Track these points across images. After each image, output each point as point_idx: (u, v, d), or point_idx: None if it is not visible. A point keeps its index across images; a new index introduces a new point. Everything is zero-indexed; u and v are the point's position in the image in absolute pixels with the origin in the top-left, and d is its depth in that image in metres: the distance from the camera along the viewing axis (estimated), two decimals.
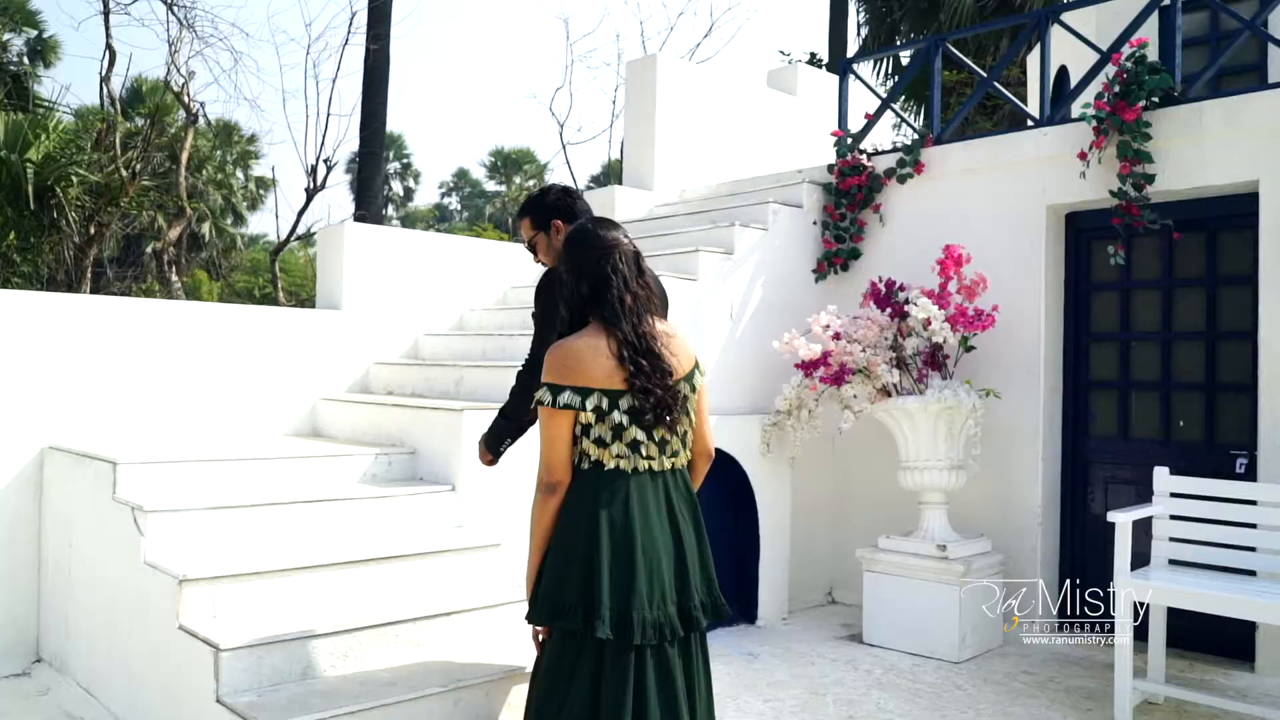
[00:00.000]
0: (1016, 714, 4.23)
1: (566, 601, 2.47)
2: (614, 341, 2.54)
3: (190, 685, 3.22)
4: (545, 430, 2.54)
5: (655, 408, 2.55)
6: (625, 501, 2.52)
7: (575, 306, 2.64)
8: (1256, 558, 4.30)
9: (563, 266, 2.70)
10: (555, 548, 2.55)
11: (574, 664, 2.49)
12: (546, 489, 2.55)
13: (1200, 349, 5.18)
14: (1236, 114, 4.77)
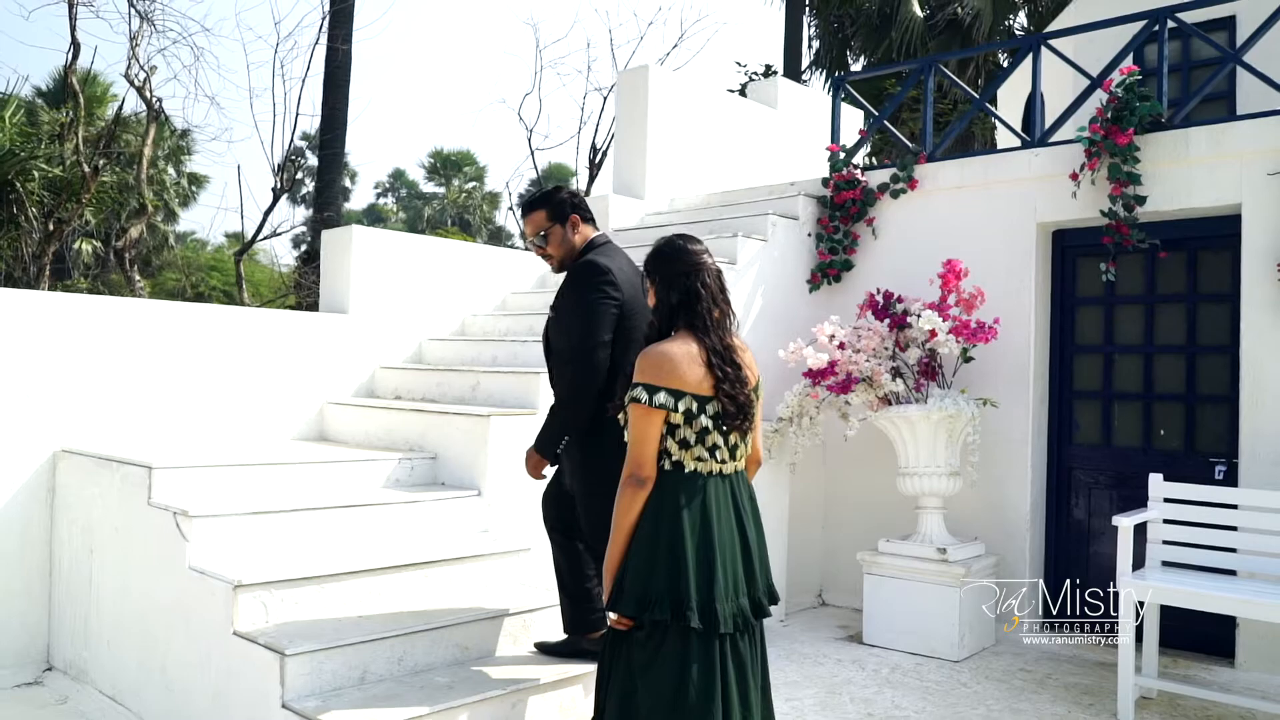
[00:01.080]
0: (1024, 710, 4.43)
1: (653, 595, 2.58)
2: (704, 350, 2.67)
3: (249, 691, 3.22)
4: (637, 428, 2.63)
5: (737, 413, 2.69)
6: (703, 502, 2.66)
7: (664, 315, 2.76)
8: (1238, 558, 4.58)
9: (652, 276, 2.81)
10: (640, 544, 2.64)
11: (657, 651, 2.60)
12: (636, 483, 2.64)
13: (1180, 362, 5.47)
14: (1221, 140, 5.07)
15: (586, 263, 3.45)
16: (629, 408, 2.66)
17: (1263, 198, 4.90)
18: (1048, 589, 5.74)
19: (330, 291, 5.70)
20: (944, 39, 16.76)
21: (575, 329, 3.34)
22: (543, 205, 3.56)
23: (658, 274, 2.80)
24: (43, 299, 4.60)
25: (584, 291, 3.37)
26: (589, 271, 3.41)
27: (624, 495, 2.66)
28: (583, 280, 3.40)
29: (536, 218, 3.55)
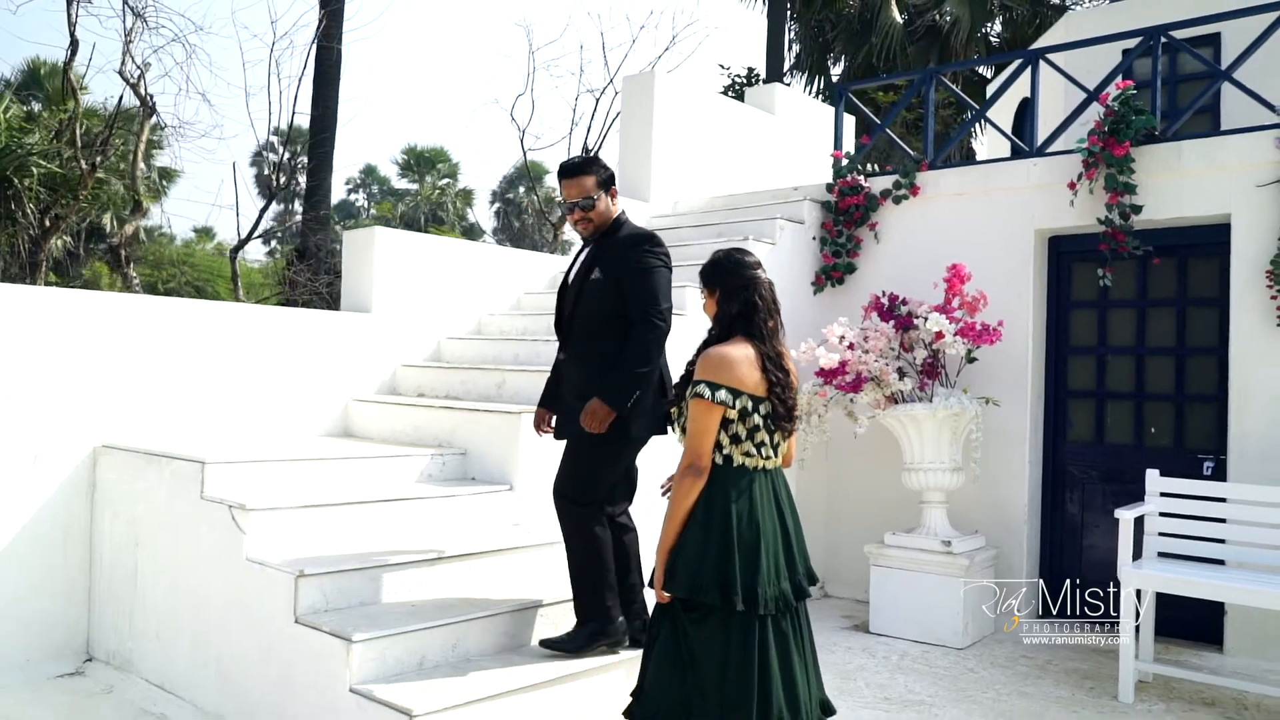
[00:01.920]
0: (1030, 693, 4.66)
1: (703, 580, 2.78)
2: (759, 356, 2.89)
3: (314, 676, 3.36)
4: (699, 422, 2.82)
5: (786, 415, 2.91)
6: (750, 495, 2.87)
7: (724, 323, 2.98)
8: (1227, 549, 4.85)
9: (709, 281, 3.02)
10: (693, 532, 2.83)
11: (706, 628, 2.80)
12: (695, 473, 2.82)
13: (1170, 363, 5.74)
14: (1211, 153, 5.33)
15: (650, 233, 3.70)
16: (690, 402, 2.85)
17: (1251, 208, 5.18)
18: (1043, 580, 6.01)
19: (352, 291, 5.82)
20: (922, 45, 17.09)
21: (647, 292, 3.54)
22: (592, 170, 3.70)
23: (719, 285, 3.01)
24: (79, 298, 4.69)
25: (651, 258, 3.59)
26: (654, 240, 3.65)
27: (683, 484, 2.84)
28: (650, 248, 3.61)
29: (585, 182, 3.67)
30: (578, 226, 3.78)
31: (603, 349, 3.65)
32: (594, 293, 3.69)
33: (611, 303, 3.66)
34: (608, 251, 3.72)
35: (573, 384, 3.73)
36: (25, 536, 4.33)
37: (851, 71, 18.17)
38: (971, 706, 4.47)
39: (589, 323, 3.69)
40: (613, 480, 3.74)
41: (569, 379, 3.77)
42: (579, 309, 3.73)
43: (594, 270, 3.70)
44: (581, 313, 3.72)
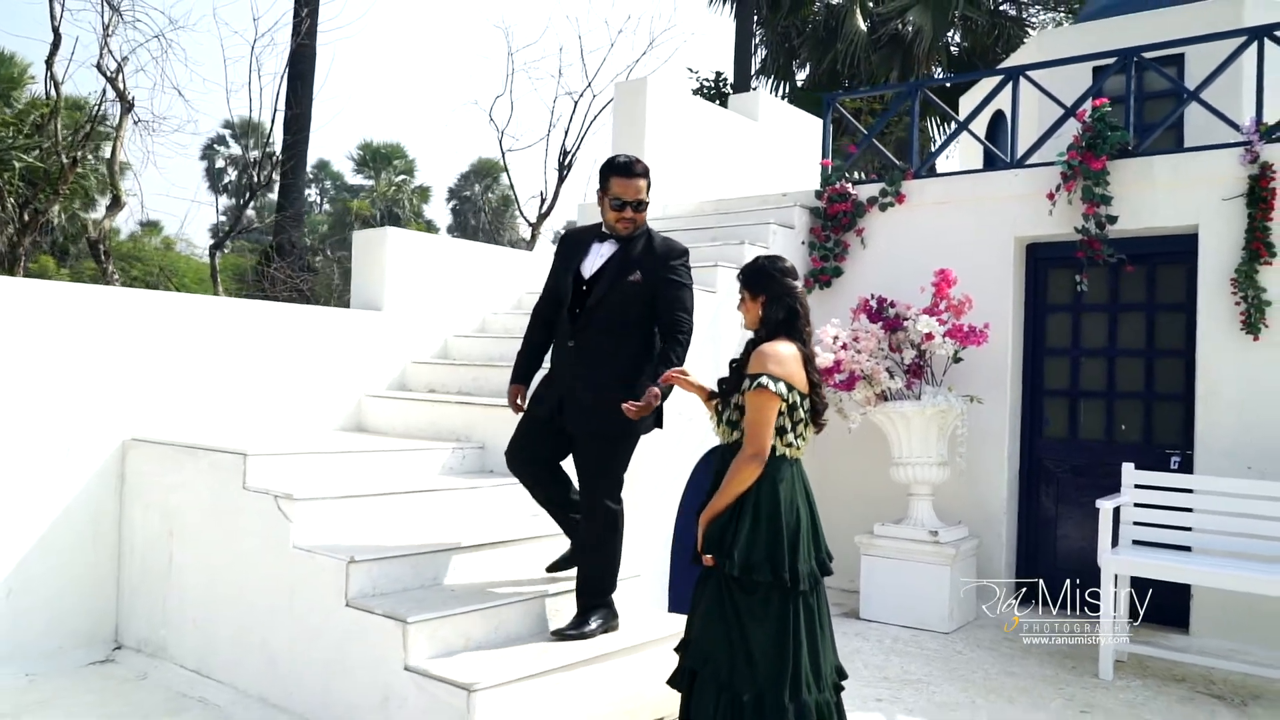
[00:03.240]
0: (1017, 672, 4.99)
1: (756, 560, 3.03)
2: (802, 355, 3.17)
3: (369, 657, 3.54)
4: (763, 413, 3.05)
5: (822, 411, 3.20)
6: (791, 482, 3.14)
7: (770, 327, 3.24)
8: (1195, 536, 5.23)
9: (755, 287, 3.29)
10: (744, 516, 3.07)
11: (755, 600, 3.05)
12: (758, 461, 3.06)
13: (1140, 364, 6.12)
14: (1182, 168, 5.71)
15: (685, 248, 3.97)
16: (753, 393, 3.06)
17: (1218, 220, 5.56)
18: (1019, 566, 6.37)
19: (363, 289, 5.96)
20: (885, 53, 17.53)
21: (685, 305, 3.86)
22: (647, 174, 3.89)
23: (764, 291, 3.27)
24: (106, 294, 4.78)
25: (687, 274, 3.93)
26: (686, 253, 3.95)
27: (745, 470, 3.06)
28: (687, 263, 3.94)
29: (642, 184, 3.86)
30: (620, 224, 3.89)
31: (627, 349, 3.85)
32: (632, 294, 3.85)
33: (645, 306, 3.87)
34: (646, 257, 3.90)
35: (590, 378, 3.82)
36: (59, 527, 4.44)
37: (816, 77, 18.58)
38: (965, 684, 4.77)
39: (617, 321, 3.86)
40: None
41: (580, 372, 3.85)
42: (606, 304, 3.86)
43: (633, 272, 3.87)
44: (609, 310, 3.86)
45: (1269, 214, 5.36)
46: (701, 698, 3.09)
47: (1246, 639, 5.34)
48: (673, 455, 5.35)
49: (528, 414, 4.05)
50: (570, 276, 4.00)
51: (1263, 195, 5.37)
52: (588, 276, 3.96)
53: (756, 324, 3.29)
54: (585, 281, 3.97)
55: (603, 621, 3.89)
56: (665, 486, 5.34)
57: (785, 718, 2.98)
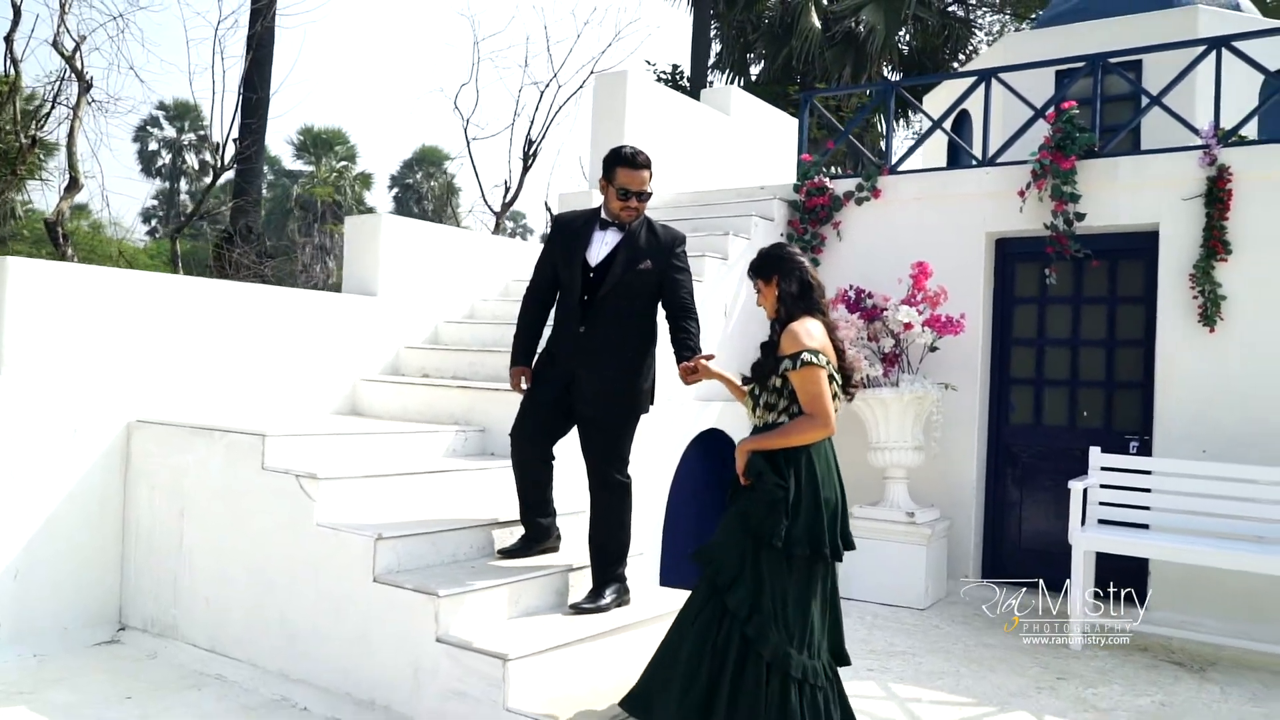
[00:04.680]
0: (992, 644, 5.27)
1: (796, 534, 3.15)
2: (826, 330, 3.33)
3: (398, 630, 3.64)
4: (818, 385, 3.18)
5: (848, 381, 3.38)
6: (827, 459, 3.29)
7: (787, 304, 3.38)
8: (1153, 515, 5.57)
9: (767, 271, 3.45)
10: (783, 493, 3.17)
11: (790, 567, 3.18)
12: (824, 426, 3.18)
13: (1101, 354, 6.46)
14: (1143, 169, 6.04)
15: (684, 234, 4.18)
16: (801, 371, 3.17)
17: (1177, 219, 5.90)
18: (986, 546, 6.68)
19: (356, 275, 6.00)
20: (839, 50, 17.87)
21: (689, 284, 4.07)
22: (651, 167, 4.04)
23: (775, 272, 3.42)
24: (106, 275, 4.76)
25: (686, 255, 4.14)
26: (685, 240, 4.17)
27: (808, 428, 3.16)
28: (685, 246, 4.14)
29: (647, 175, 4.02)
30: (624, 213, 4.01)
31: (634, 334, 4.03)
32: (643, 281, 4.02)
33: (654, 292, 4.04)
34: (652, 245, 4.06)
35: (601, 363, 3.97)
36: (64, 509, 4.44)
37: (771, 73, 18.86)
38: (947, 655, 5.04)
39: (626, 308, 4.01)
40: None
41: (591, 357, 3.98)
42: (618, 292, 4.00)
43: (644, 260, 4.04)
44: (620, 297, 4.00)
45: (1225, 214, 5.71)
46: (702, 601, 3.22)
47: (1200, 612, 5.69)
48: (664, 439, 5.51)
49: (530, 396, 4.18)
50: (578, 264, 4.13)
51: (1220, 196, 5.71)
52: (594, 264, 4.10)
53: (775, 305, 3.42)
54: (592, 269, 4.10)
55: (616, 596, 4.04)
56: (658, 469, 5.51)
57: (788, 664, 3.11)
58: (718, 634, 3.18)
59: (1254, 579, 5.34)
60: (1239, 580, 5.44)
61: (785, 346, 3.26)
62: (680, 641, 3.23)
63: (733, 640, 3.13)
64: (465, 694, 3.46)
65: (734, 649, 3.13)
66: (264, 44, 12.38)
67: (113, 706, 3.75)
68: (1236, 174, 5.69)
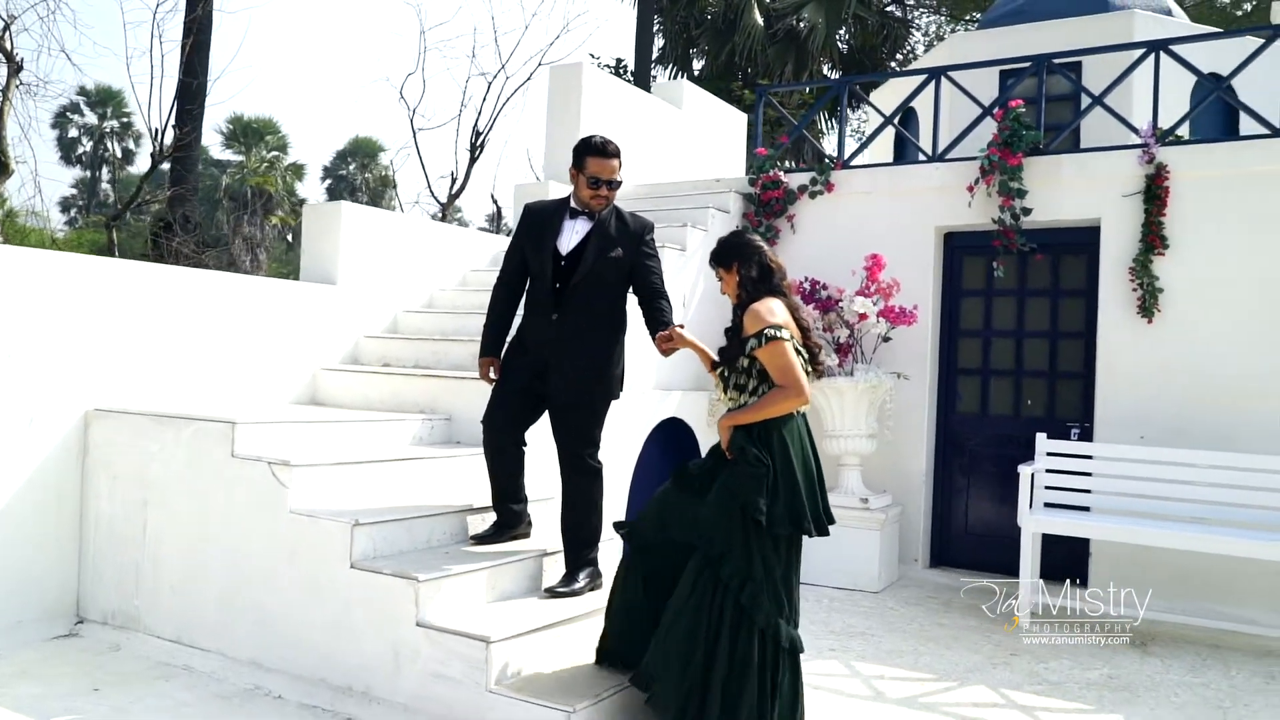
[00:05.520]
0: (946, 623, 5.45)
1: (776, 513, 3.25)
2: (788, 309, 3.46)
3: (377, 614, 3.65)
4: (784, 358, 3.28)
5: (814, 358, 3.50)
6: (800, 437, 3.40)
7: (748, 288, 3.50)
8: (1094, 498, 5.81)
9: (727, 259, 3.57)
10: (761, 478, 3.26)
11: (779, 544, 3.31)
12: (798, 396, 3.28)
13: (1045, 345, 6.70)
14: (1086, 167, 6.28)
15: (652, 222, 4.26)
16: (767, 346, 3.28)
17: (1118, 215, 6.15)
18: (934, 531, 6.88)
19: (316, 263, 5.94)
20: (781, 47, 18.11)
21: (659, 269, 4.13)
22: (620, 156, 4.12)
23: (735, 258, 3.55)
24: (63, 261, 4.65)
25: (655, 242, 4.24)
26: (654, 227, 4.26)
27: (783, 399, 3.27)
28: (654, 233, 4.23)
29: (617, 164, 4.10)
30: (594, 201, 4.08)
31: (606, 321, 4.09)
32: (614, 269, 4.09)
33: (625, 279, 4.11)
34: (622, 233, 4.12)
35: (574, 350, 4.02)
36: (20, 499, 4.33)
37: (714, 68, 19.00)
38: (904, 634, 5.20)
39: (598, 294, 4.07)
40: None
41: (564, 344, 4.02)
42: (589, 280, 4.05)
43: (615, 248, 4.10)
44: (592, 285, 4.06)
45: (1163, 210, 5.97)
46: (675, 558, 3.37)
47: (1138, 590, 5.94)
48: (627, 428, 5.57)
49: (502, 384, 4.21)
50: (549, 252, 4.17)
51: (1158, 193, 5.97)
52: (565, 252, 4.14)
53: (738, 290, 3.52)
54: (563, 257, 4.15)
55: (589, 579, 4.10)
56: (622, 457, 5.56)
57: (778, 633, 3.24)
58: (712, 606, 3.26)
59: (1189, 557, 5.61)
60: (1175, 559, 5.70)
61: (749, 326, 3.36)
62: (677, 617, 3.30)
63: (727, 611, 3.23)
64: (447, 676, 3.48)
65: (728, 620, 3.22)
66: (203, 29, 12.09)
67: (81, 698, 3.69)
68: (1173, 172, 5.96)
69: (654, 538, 3.54)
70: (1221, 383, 5.84)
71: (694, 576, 3.31)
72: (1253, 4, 18.86)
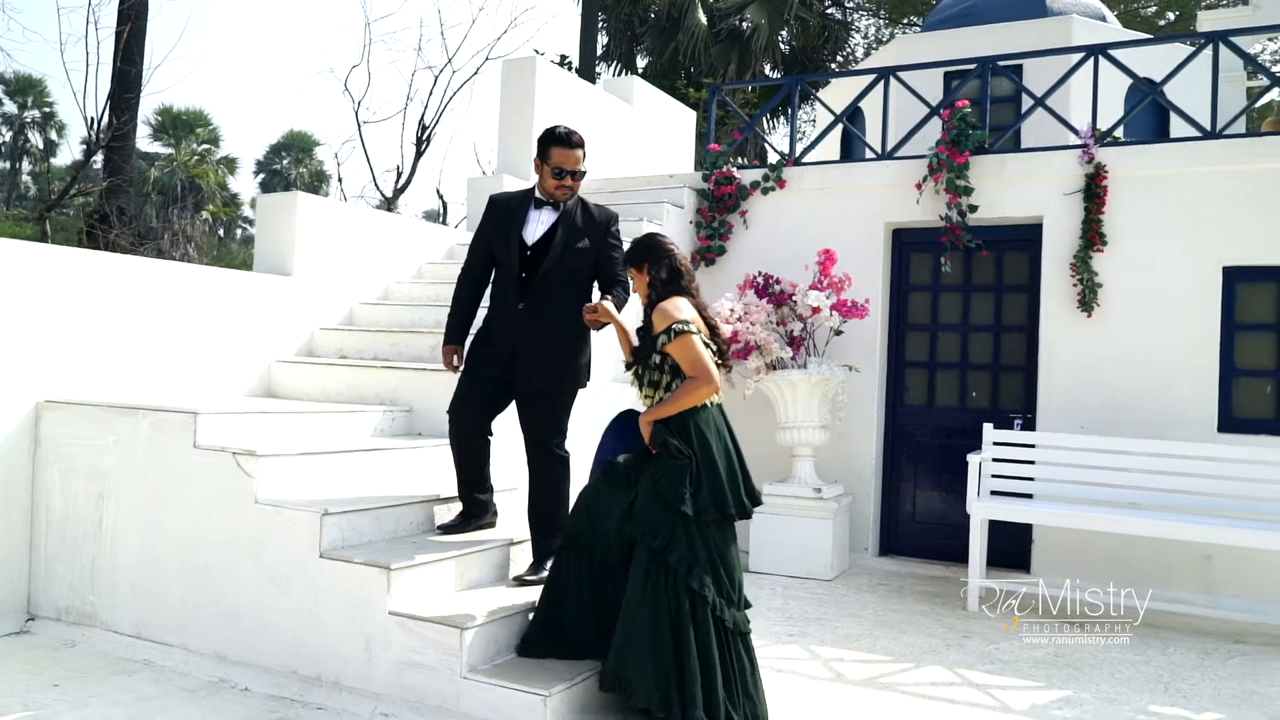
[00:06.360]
0: (898, 609, 5.60)
1: (702, 502, 3.41)
2: (695, 307, 3.62)
3: (347, 603, 3.64)
4: (692, 350, 3.46)
5: (724, 355, 3.69)
6: (717, 425, 3.55)
7: (657, 289, 3.65)
8: (1037, 485, 6.01)
9: (639, 259, 3.72)
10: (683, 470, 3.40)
11: (715, 529, 3.46)
12: (709, 384, 3.45)
13: (989, 338, 6.91)
14: (1029, 166, 6.50)
15: (616, 213, 4.31)
16: (676, 340, 3.45)
17: (1060, 212, 6.38)
18: (883, 519, 7.05)
19: (271, 254, 5.86)
20: (724, 46, 18.29)
21: (621, 265, 4.11)
22: (584, 146, 4.16)
23: (646, 259, 3.71)
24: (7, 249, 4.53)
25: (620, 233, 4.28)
26: (619, 218, 4.32)
27: (696, 389, 3.44)
28: (619, 224, 4.28)
29: (581, 154, 4.14)
30: (559, 191, 4.15)
31: (572, 310, 4.12)
32: (581, 259, 4.14)
33: (591, 269, 4.16)
34: (588, 224, 4.18)
35: (541, 339, 4.06)
36: None
37: (658, 66, 19.11)
38: (859, 619, 5.33)
39: (564, 284, 4.11)
40: None
41: (531, 333, 4.06)
42: (557, 269, 4.09)
43: (582, 239, 4.15)
44: (558, 274, 4.10)
45: (1102, 208, 6.20)
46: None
47: (1077, 575, 6.17)
48: (586, 419, 5.61)
49: (468, 374, 4.22)
50: (515, 242, 4.20)
51: (1097, 191, 6.20)
52: (531, 242, 4.18)
53: (648, 290, 3.68)
54: (529, 247, 4.18)
55: None
56: (581, 448, 5.59)
57: (724, 614, 3.39)
58: (668, 595, 3.36)
59: (1124, 542, 5.85)
60: (1112, 544, 5.94)
61: (657, 324, 3.52)
62: (637, 611, 3.37)
63: (681, 597, 3.34)
64: (421, 664, 3.49)
65: (685, 605, 3.33)
66: (140, 15, 11.79)
67: (41, 693, 3.61)
68: (1112, 171, 6.20)
69: (583, 529, 3.64)
70: (1155, 374, 6.10)
71: (644, 570, 3.40)
72: (1175, 14, 19.59)
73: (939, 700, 4.09)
